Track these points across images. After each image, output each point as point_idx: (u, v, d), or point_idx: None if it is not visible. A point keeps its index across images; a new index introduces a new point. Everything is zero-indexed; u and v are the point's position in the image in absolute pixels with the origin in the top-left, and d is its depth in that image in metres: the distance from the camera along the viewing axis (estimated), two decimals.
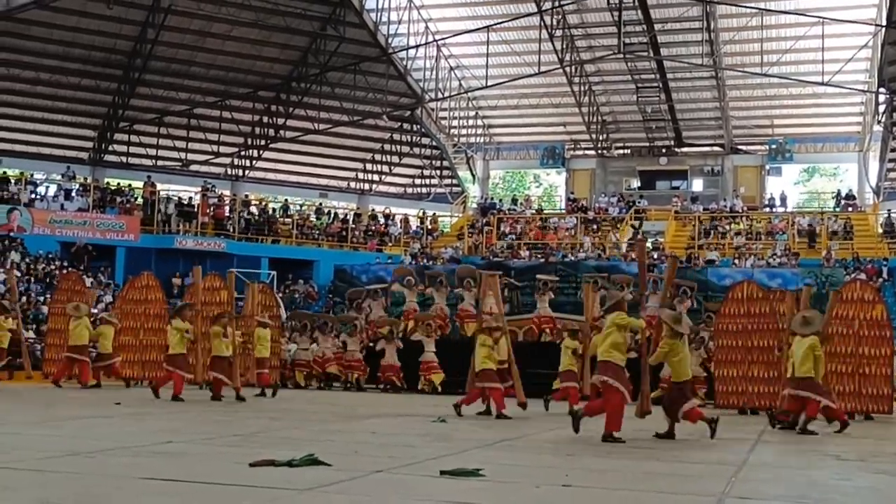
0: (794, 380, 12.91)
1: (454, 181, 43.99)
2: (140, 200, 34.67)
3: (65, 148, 39.07)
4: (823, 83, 33.57)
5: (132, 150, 39.43)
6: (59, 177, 34.73)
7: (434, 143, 42.63)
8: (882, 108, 36.05)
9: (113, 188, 35.91)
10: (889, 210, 36.29)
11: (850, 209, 37.59)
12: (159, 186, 35.76)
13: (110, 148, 39.24)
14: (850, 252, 32.38)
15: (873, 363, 16.08)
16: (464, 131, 43.46)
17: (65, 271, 26.05)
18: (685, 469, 8.48)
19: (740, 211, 37.73)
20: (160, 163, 39.60)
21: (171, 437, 9.62)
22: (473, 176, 44.60)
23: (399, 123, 42.37)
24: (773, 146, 40.43)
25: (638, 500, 6.61)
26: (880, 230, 35.68)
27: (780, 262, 31.14)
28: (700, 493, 6.84)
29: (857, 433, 13.43)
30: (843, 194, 38.95)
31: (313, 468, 7.34)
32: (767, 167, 41.03)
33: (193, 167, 40.18)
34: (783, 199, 39.08)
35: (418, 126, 41.82)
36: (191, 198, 36.03)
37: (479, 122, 43.73)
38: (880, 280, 28.89)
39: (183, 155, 39.89)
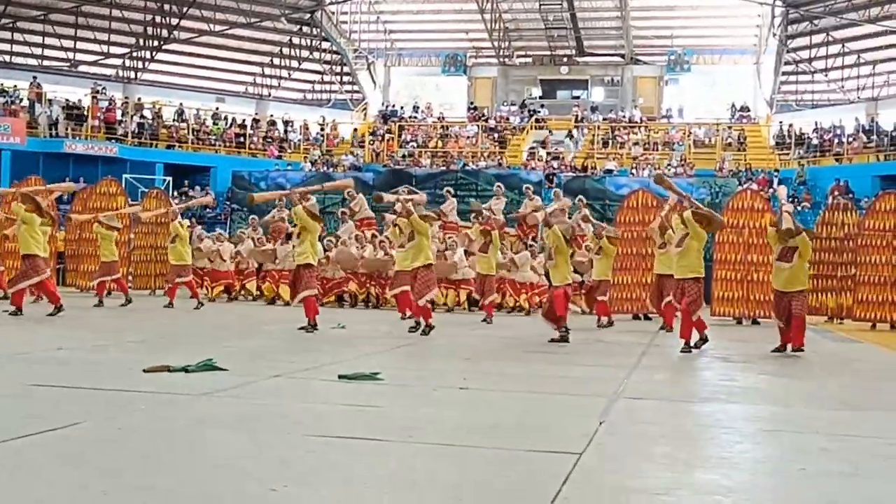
0: None
1: (355, 87, 43.28)
2: (25, 102, 33.19)
3: None
4: None
5: (16, 48, 37.59)
6: None
7: (334, 48, 41.73)
8: (778, 20, 36.65)
9: None
10: (781, 122, 37.19)
11: (743, 121, 38.39)
12: (45, 88, 34.27)
13: None
14: (744, 163, 33.20)
15: (761, 269, 16.64)
16: (365, 36, 42.61)
17: None
18: (580, 372, 8.67)
19: (639, 121, 38.15)
20: (46, 63, 37.90)
21: (61, 345, 9.39)
22: (374, 82, 43.97)
23: (298, 27, 41.26)
24: (672, 57, 40.80)
25: (533, 400, 6.74)
26: (772, 142, 36.61)
27: (675, 172, 31.73)
28: (594, 393, 7.00)
29: (745, 337, 13.96)
30: (738, 106, 39.68)
31: (210, 374, 7.27)
32: (666, 78, 41.47)
33: (82, 68, 38.59)
34: (680, 111, 39.64)
35: (318, 30, 40.82)
36: (80, 100, 34.67)
37: (381, 27, 42.94)
38: (771, 190, 29.75)
39: (71, 55, 38.25)
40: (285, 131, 38.60)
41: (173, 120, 36.40)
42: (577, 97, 41.31)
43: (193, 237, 19.54)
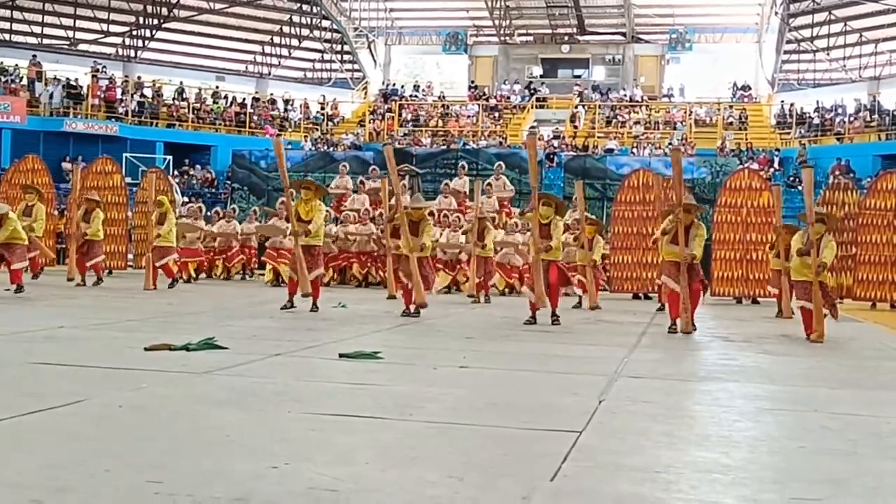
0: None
1: (355, 66, 43.16)
2: (25, 81, 33.11)
3: None
4: None
5: (15, 27, 37.48)
6: None
7: (334, 27, 41.60)
8: None
9: None
10: (782, 101, 37.10)
11: (745, 100, 38.29)
12: (45, 67, 34.17)
13: None
14: (745, 142, 33.14)
15: (760, 249, 16.66)
16: (365, 14, 42.47)
17: None
18: (580, 351, 8.69)
19: (640, 100, 38.04)
20: (46, 42, 37.79)
21: (63, 323, 9.40)
22: (375, 61, 43.83)
23: (298, 5, 41.14)
24: (674, 35, 40.63)
25: (533, 379, 6.75)
26: (773, 121, 36.52)
27: None
28: (593, 373, 7.01)
29: (744, 316, 13.98)
30: (739, 85, 39.56)
31: (211, 352, 7.29)
32: (667, 57, 41.34)
33: (82, 47, 38.49)
34: (681, 90, 39.53)
35: (318, 8, 40.68)
36: (77, 80, 34.57)
37: (381, 6, 42.77)
38: (771, 169, 29.71)
39: (70, 34, 38.11)
40: (285, 110, 38.50)
41: (173, 99, 36.33)
42: (579, 76, 41.19)
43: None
